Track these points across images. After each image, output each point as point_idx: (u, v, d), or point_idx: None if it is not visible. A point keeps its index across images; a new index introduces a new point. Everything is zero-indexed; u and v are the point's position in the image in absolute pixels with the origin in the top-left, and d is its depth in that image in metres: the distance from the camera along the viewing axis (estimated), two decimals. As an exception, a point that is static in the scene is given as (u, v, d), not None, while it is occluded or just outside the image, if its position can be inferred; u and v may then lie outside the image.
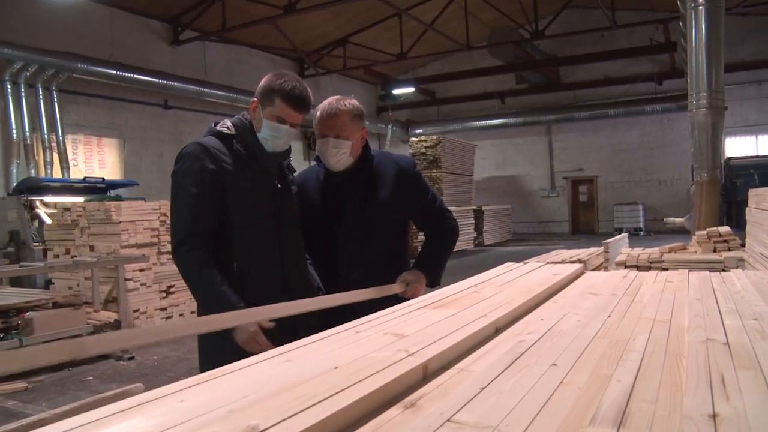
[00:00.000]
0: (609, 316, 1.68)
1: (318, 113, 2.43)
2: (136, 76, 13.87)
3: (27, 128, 11.71)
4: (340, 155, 2.40)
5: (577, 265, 2.76)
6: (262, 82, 2.28)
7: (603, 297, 2.01)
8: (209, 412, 0.85)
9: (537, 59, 20.29)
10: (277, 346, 1.77)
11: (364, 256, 2.43)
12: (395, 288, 2.38)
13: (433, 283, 2.51)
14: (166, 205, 7.99)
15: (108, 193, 10.81)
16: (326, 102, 2.44)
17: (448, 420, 0.90)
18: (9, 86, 11.57)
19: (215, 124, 2.34)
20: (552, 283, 2.18)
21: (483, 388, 1.05)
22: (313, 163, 2.62)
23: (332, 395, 0.92)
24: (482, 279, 2.28)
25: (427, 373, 1.12)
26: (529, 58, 19.88)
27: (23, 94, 11.74)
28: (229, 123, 2.32)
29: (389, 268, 2.46)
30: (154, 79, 14.34)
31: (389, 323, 1.48)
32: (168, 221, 7.85)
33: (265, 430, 0.79)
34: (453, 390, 1.05)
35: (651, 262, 4.77)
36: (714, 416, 0.88)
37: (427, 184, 2.67)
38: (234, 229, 2.25)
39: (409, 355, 1.15)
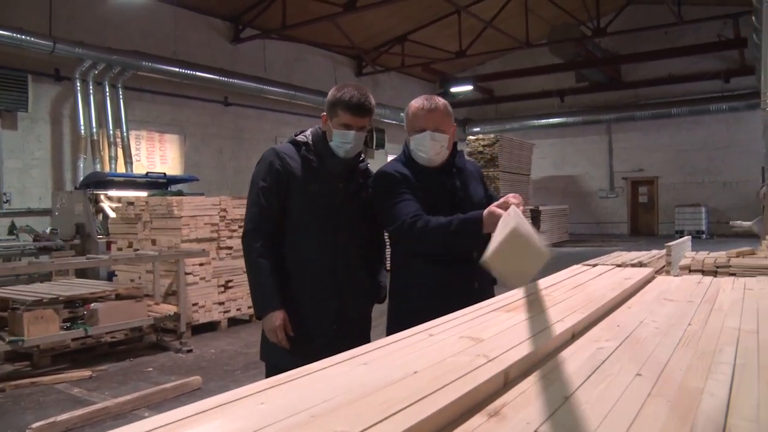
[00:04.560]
0: (689, 324, 1.60)
1: (411, 111, 2.55)
2: (198, 73, 14.11)
3: (94, 124, 12.01)
4: (439, 148, 2.51)
5: (649, 270, 2.67)
6: (327, 97, 2.59)
7: (680, 303, 1.93)
8: (292, 415, 0.83)
9: (598, 57, 19.78)
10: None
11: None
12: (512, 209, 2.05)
13: None
14: (226, 201, 8.14)
15: (169, 189, 11.04)
16: (419, 99, 2.56)
17: (536, 431, 0.87)
18: (78, 84, 11.91)
19: (295, 135, 2.67)
20: (624, 287, 2.11)
21: (567, 398, 1.00)
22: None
23: (416, 401, 0.88)
24: (551, 282, 2.22)
25: (508, 380, 1.08)
26: (590, 55, 19.40)
27: (91, 91, 12.04)
28: (307, 132, 2.65)
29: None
30: (215, 77, 14.55)
31: (463, 326, 1.44)
32: (227, 217, 8.03)
33: (353, 436, 0.76)
34: (536, 399, 1.01)
35: (718, 267, 4.56)
36: (828, 439, 0.81)
37: None
38: (293, 225, 2.55)
39: (489, 361, 1.11)
